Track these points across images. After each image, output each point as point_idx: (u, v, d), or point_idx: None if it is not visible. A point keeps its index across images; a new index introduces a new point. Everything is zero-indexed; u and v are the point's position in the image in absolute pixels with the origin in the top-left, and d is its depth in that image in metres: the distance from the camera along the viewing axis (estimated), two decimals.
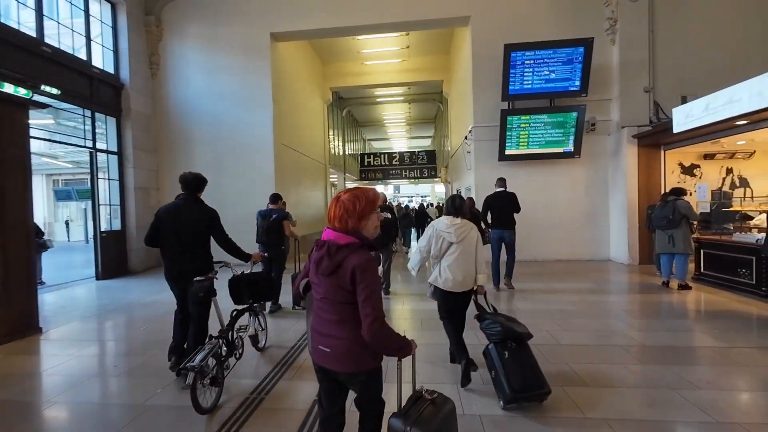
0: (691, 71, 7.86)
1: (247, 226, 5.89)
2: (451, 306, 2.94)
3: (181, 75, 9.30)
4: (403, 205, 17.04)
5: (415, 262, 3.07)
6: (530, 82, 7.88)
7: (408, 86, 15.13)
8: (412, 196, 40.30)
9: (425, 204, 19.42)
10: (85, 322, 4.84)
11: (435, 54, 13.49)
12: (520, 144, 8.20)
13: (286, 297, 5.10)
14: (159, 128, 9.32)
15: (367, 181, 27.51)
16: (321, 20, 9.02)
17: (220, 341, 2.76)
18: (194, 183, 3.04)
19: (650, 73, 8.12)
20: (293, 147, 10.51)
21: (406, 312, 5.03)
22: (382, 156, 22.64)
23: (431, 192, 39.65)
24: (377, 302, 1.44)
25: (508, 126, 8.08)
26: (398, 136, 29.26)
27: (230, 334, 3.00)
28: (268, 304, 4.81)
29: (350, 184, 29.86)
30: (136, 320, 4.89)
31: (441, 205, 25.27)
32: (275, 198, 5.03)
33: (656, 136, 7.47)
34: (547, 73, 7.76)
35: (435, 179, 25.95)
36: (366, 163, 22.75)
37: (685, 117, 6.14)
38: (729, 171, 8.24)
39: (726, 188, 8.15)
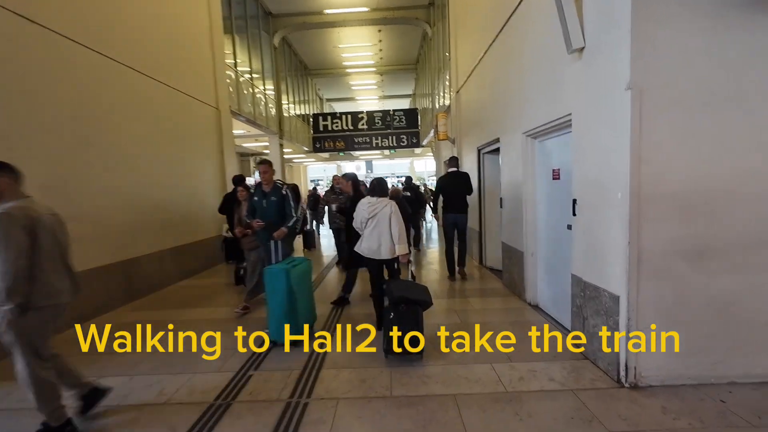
0: None
1: None
2: (371, 267, 3.50)
3: None
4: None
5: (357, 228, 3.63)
6: None
7: None
8: (398, 176, 33.11)
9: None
10: None
11: None
12: None
13: None
14: None
15: (326, 154, 20.59)
16: None
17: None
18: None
19: None
20: (53, 27, 3.61)
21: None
22: (344, 118, 15.54)
23: (410, 170, 32.94)
24: None
25: None
26: (367, 93, 22.12)
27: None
28: None
29: (298, 160, 22.05)
30: None
31: (428, 187, 18.97)
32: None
33: None
34: None
35: (418, 149, 19.33)
36: (321, 128, 15.54)
37: None
38: None
39: None
